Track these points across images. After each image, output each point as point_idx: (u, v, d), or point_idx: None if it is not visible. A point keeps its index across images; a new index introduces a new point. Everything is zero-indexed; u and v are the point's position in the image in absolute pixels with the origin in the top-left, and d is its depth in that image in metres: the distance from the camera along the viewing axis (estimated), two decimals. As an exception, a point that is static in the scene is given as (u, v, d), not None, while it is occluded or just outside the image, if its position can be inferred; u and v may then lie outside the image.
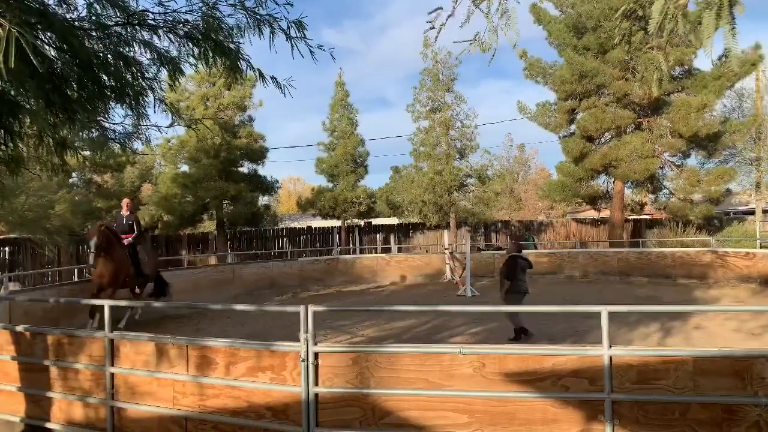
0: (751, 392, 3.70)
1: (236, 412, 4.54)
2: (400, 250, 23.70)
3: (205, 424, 4.63)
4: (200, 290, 14.16)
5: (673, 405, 3.80)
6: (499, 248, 24.04)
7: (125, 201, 11.82)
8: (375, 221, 28.84)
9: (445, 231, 23.09)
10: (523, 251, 9.95)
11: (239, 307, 5.19)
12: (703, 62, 22.10)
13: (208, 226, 29.22)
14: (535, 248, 24.25)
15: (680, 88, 21.44)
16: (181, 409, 4.72)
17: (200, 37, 3.97)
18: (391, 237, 26.56)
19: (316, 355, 4.32)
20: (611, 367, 3.86)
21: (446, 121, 23.43)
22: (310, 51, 3.96)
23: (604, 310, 3.97)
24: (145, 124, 4.44)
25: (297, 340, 4.37)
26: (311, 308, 4.35)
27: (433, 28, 2.58)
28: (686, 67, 21.43)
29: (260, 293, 16.01)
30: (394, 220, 28.95)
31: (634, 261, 17.42)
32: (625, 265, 17.48)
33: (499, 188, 24.97)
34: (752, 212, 27.00)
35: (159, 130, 5.02)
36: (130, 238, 10.91)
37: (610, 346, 3.89)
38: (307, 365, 4.29)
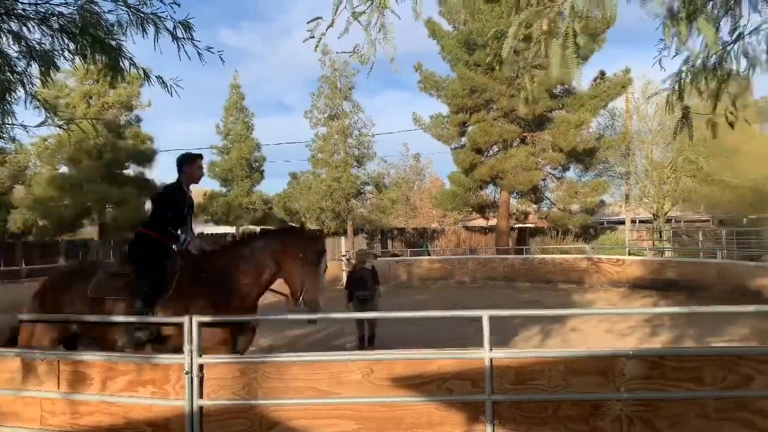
0: (613, 388, 4.03)
1: (113, 429, 4.29)
2: (296, 257, 23.43)
3: (77, 444, 4.33)
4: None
5: (547, 403, 4.05)
6: (395, 255, 24.51)
7: None
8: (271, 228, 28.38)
9: (342, 238, 23.21)
10: (418, 257, 10.24)
11: (118, 318, 4.90)
12: (583, 82, 23.90)
13: (89, 232, 27.35)
14: (428, 255, 24.95)
15: (561, 106, 23.05)
16: (50, 429, 4.39)
17: (77, 31, 3.74)
18: (287, 244, 26.26)
19: (201, 367, 4.19)
20: (492, 369, 4.05)
21: (344, 128, 23.59)
22: (198, 53, 3.86)
23: (485, 314, 4.16)
24: (9, 122, 4.10)
25: (182, 352, 4.22)
26: (196, 319, 4.21)
27: (313, 37, 2.62)
28: (566, 86, 23.08)
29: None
30: (290, 227, 28.61)
31: (519, 267, 18.42)
32: (511, 270, 18.43)
33: (395, 196, 25.48)
34: (622, 222, 29.47)
35: (26, 129, 4.64)
36: None
37: (491, 349, 4.09)
38: (191, 378, 4.14)
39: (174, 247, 5.11)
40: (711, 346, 7.25)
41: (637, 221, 30.87)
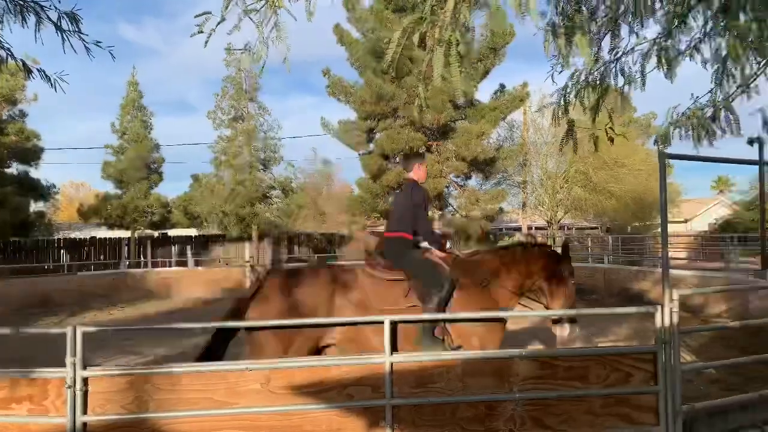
0: (507, 389, 4.19)
1: (-18, 453, 3.90)
2: (198, 263, 22.62)
3: (-62, 471, 3.90)
4: (-54, 311, 11.97)
5: (445, 406, 4.15)
6: (302, 260, 24.23)
7: None
8: (171, 232, 27.15)
9: (247, 243, 22.64)
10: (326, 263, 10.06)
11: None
12: (484, 95, 24.92)
13: (-38, 235, 24.90)
14: (336, 260, 24.88)
15: (464, 117, 23.83)
16: None
17: (-57, 16, 3.39)
18: (188, 249, 25.28)
19: (85, 380, 3.91)
20: (392, 373, 4.09)
21: (249, 130, 23.07)
22: (86, 46, 3.61)
23: (387, 319, 4.20)
24: None
25: (65, 365, 3.92)
26: (80, 329, 3.93)
27: (202, 32, 2.52)
28: (469, 97, 23.90)
29: (29, 313, 14.03)
30: (192, 232, 27.56)
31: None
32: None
33: (303, 201, 25.22)
34: (519, 229, 30.92)
35: None
36: None
37: (391, 353, 4.13)
38: (74, 392, 3.85)
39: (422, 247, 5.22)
40: (597, 347, 7.73)
41: (533, 228, 32.52)
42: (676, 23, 2.97)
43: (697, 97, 3.59)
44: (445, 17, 2.22)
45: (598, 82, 3.21)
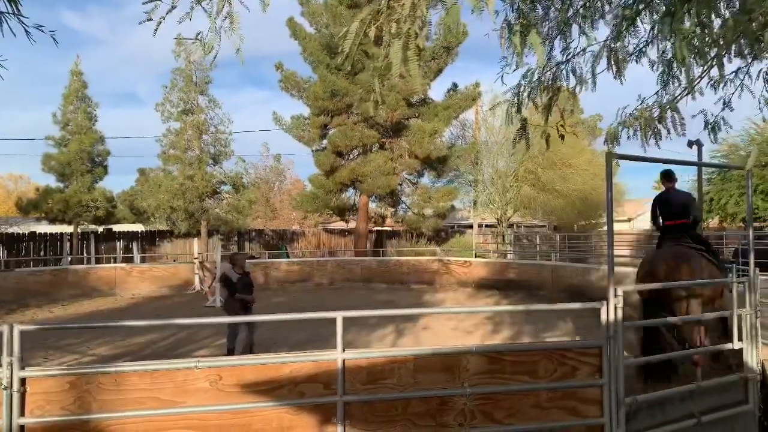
0: (458, 384, 4.24)
1: None
2: (144, 259, 21.98)
3: None
4: None
5: (397, 402, 4.16)
6: (252, 257, 23.86)
7: None
8: (116, 227, 26.25)
9: (196, 239, 22.11)
10: (277, 260, 9.86)
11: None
12: (437, 93, 25.14)
13: None
14: (288, 257, 24.66)
15: (417, 115, 23.99)
16: None
17: None
18: (134, 245, 24.52)
19: (22, 381, 3.73)
20: (344, 370, 4.08)
21: (199, 124, 22.51)
22: (26, 30, 3.43)
23: (339, 316, 4.18)
24: None
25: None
26: (18, 327, 3.75)
27: (151, 20, 2.44)
28: (422, 96, 24.07)
29: (-40, 311, 13.35)
30: (138, 227, 26.73)
31: (376, 268, 18.85)
32: (368, 272, 18.81)
33: (254, 197, 24.80)
34: (471, 226, 31.36)
35: None
36: None
37: (344, 350, 4.11)
38: (11, 393, 3.68)
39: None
40: (544, 342, 7.91)
41: (484, 225, 33.04)
42: (625, 26, 3.07)
43: (644, 98, 3.74)
44: (404, 10, 2.21)
45: (550, 83, 3.28)
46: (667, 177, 6.55)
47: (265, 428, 3.94)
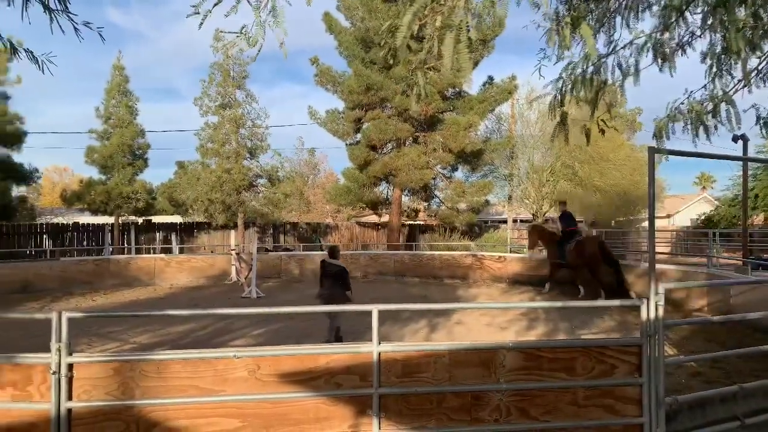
0: (494, 379, 4.22)
1: (-36, 438, 3.85)
2: (182, 250, 22.45)
3: None
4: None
5: (432, 395, 4.16)
6: (287, 249, 24.14)
7: None
8: (155, 219, 26.90)
9: (232, 231, 22.51)
10: (311, 252, 9.95)
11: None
12: (472, 86, 24.90)
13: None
14: (321, 250, 24.84)
15: (452, 108, 23.84)
16: None
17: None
18: (173, 236, 25.05)
19: (70, 366, 3.86)
20: (379, 362, 4.10)
21: (236, 118, 22.84)
22: (75, 27, 3.53)
23: (375, 309, 4.20)
24: None
25: (49, 350, 3.87)
26: (66, 314, 3.88)
27: (198, 13, 2.48)
28: (458, 89, 23.91)
29: (10, 298, 13.87)
30: (177, 219, 27.33)
31: (409, 262, 18.84)
32: (401, 266, 18.82)
33: (289, 190, 25.07)
34: (505, 221, 31.09)
35: None
36: None
37: (380, 343, 4.13)
38: (59, 378, 3.81)
39: None
40: (581, 338, 7.81)
41: (518, 220, 32.70)
42: (673, 17, 2.98)
43: (691, 91, 3.62)
44: (458, 1, 2.19)
45: (594, 76, 3.21)
46: (563, 203, 14.37)
47: (302, 418, 4.00)
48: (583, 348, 4.37)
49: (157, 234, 25.82)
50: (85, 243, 24.25)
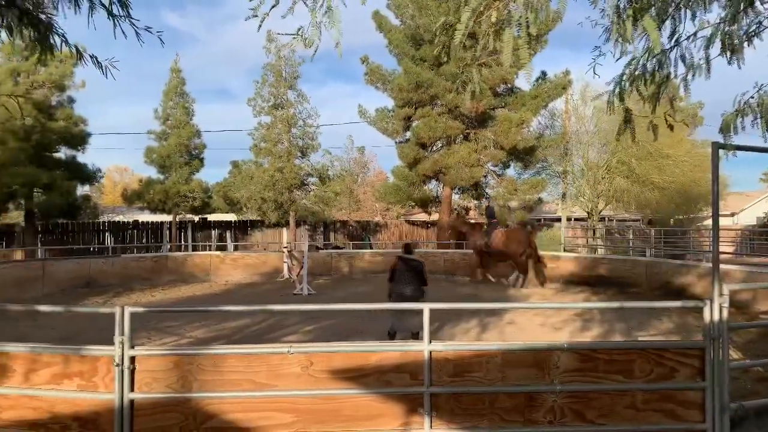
0: (548, 380, 4.14)
1: (36, 424, 4.06)
2: (236, 247, 23.01)
3: (-5, 440, 4.09)
4: (2, 289, 12.50)
5: (484, 395, 4.12)
6: (337, 247, 24.40)
7: None
8: (211, 217, 27.67)
9: (284, 229, 22.90)
10: (361, 250, 9.97)
11: (44, 308, 4.66)
12: (524, 82, 24.43)
13: (15, 216, 25.90)
14: (371, 248, 24.99)
15: (503, 104, 23.49)
16: (-35, 426, 4.12)
17: (3, 3, 3.49)
18: (228, 234, 25.71)
19: (132, 359, 4.02)
20: (431, 361, 4.09)
21: (288, 118, 23.21)
22: (136, 32, 3.67)
23: (426, 307, 4.19)
24: None
25: (113, 343, 4.04)
26: (128, 309, 4.04)
27: (256, 16, 2.53)
28: (509, 85, 23.54)
29: (76, 293, 14.56)
30: (231, 217, 28.03)
31: (459, 261, 18.71)
32: (451, 264, 18.70)
33: (339, 188, 25.30)
34: (558, 220, 30.43)
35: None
36: None
37: (430, 342, 4.12)
38: (122, 370, 3.97)
39: None
40: (640, 340, 7.57)
41: (573, 219, 31.96)
42: (742, 6, 2.83)
43: (762, 85, 3.42)
44: (512, -3, 2.18)
45: (656, 70, 3.08)
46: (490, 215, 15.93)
47: (354, 415, 4.03)
48: (641, 350, 4.24)
49: (213, 232, 26.56)
50: (144, 240, 25.19)
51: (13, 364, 4.11)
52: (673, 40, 3.05)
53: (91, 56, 4.18)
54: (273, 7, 2.46)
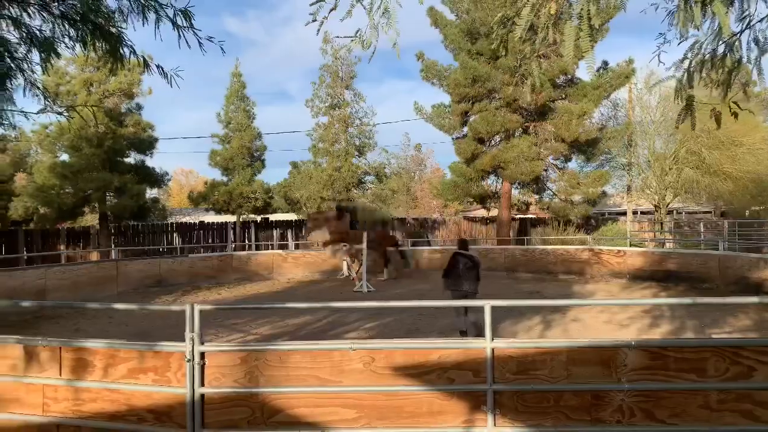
0: (615, 379, 4.03)
1: (115, 416, 4.30)
2: (297, 246, 23.47)
3: (80, 430, 4.34)
4: (80, 288, 13.27)
5: (549, 393, 4.05)
6: (396, 244, 24.45)
7: None
8: (272, 217, 28.37)
9: (343, 227, 23.13)
10: (419, 248, 10.06)
11: (120, 306, 4.91)
12: (584, 72, 23.76)
13: (89, 219, 27.36)
14: (429, 245, 24.92)
15: (564, 96, 22.90)
16: (52, 416, 4.40)
17: (78, 18, 3.70)
18: (289, 233, 26.25)
19: (202, 354, 4.18)
20: (493, 359, 4.05)
21: (345, 118, 23.51)
22: (199, 42, 3.81)
23: (487, 304, 4.15)
24: (9, 109, 4.06)
25: (183, 339, 4.22)
26: (197, 306, 4.20)
27: (315, 20, 2.57)
28: (569, 76, 22.93)
29: (147, 291, 15.26)
30: (292, 216, 28.63)
31: (520, 257, 18.41)
32: (512, 261, 18.43)
33: (396, 186, 25.43)
34: (624, 213, 29.43)
35: (26, 116, 4.61)
36: None
37: (493, 339, 4.08)
38: (193, 365, 4.14)
39: None
40: (713, 338, 7.25)
41: (639, 212, 30.83)
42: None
43: None
44: (573, -11, 2.14)
45: (726, 54, 2.93)
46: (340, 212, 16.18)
47: (416, 411, 4.05)
48: (714, 347, 4.05)
49: (275, 231, 27.19)
50: (210, 240, 26.07)
51: (94, 359, 4.35)
52: (744, 24, 2.89)
53: (157, 66, 4.38)
54: (331, 10, 2.50)
